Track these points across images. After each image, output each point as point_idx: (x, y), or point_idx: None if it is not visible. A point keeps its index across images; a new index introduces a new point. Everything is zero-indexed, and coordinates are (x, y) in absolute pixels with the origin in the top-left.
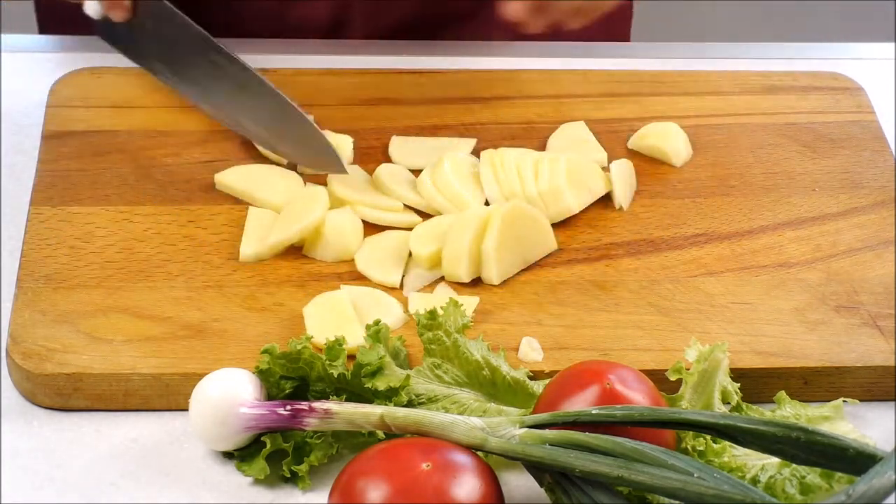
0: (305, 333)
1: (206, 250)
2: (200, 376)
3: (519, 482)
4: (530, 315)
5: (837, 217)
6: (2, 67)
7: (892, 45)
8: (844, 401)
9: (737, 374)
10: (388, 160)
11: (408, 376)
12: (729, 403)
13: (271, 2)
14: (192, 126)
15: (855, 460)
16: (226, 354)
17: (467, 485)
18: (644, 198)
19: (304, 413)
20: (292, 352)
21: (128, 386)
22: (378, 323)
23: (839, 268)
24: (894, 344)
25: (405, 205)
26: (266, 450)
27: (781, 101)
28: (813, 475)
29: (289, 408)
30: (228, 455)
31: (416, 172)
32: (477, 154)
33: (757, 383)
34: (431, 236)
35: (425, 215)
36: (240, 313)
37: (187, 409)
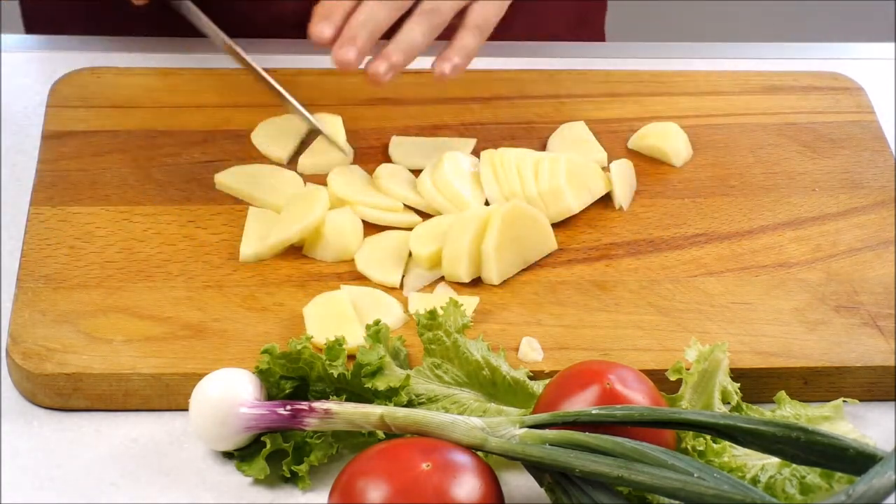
0: (305, 333)
1: (206, 250)
2: (200, 376)
3: (519, 482)
4: (530, 315)
5: (837, 217)
6: (2, 67)
7: (892, 45)
8: (844, 401)
9: (737, 374)
10: (387, 160)
11: (408, 376)
12: (729, 403)
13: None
14: (192, 126)
15: (855, 460)
16: (226, 354)
17: (467, 485)
18: (644, 198)
19: (304, 413)
20: (292, 352)
21: (128, 386)
22: (378, 323)
23: (839, 268)
24: (894, 344)
25: (405, 205)
26: (266, 450)
27: (781, 101)
28: (813, 475)
29: (289, 408)
30: (228, 455)
31: (416, 172)
32: (477, 154)
33: (757, 383)
34: (431, 236)
35: (425, 215)
36: (240, 313)
37: (187, 409)
